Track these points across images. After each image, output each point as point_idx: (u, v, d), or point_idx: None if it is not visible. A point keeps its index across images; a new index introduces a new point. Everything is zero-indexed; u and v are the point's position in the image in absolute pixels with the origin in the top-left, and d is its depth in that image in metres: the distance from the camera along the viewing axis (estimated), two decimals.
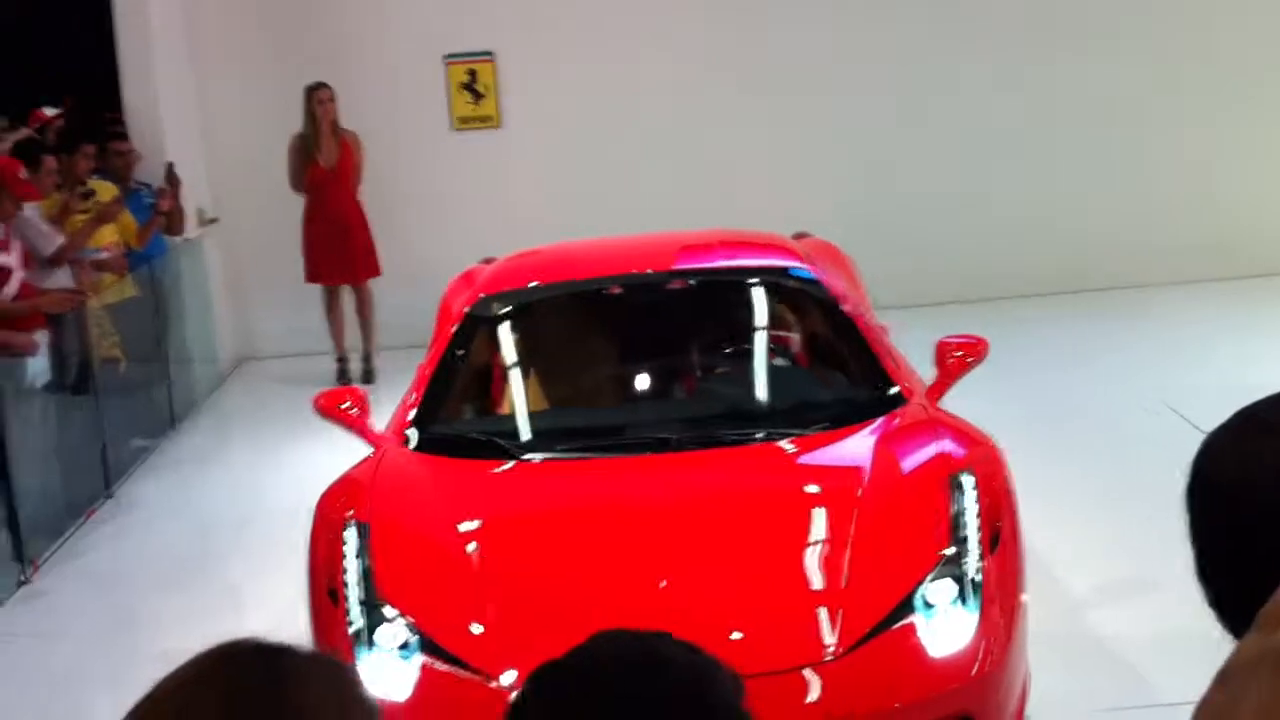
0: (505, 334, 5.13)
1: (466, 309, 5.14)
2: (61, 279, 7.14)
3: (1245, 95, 9.96)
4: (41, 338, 6.62)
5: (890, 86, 9.94)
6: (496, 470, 4.43)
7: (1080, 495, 6.23)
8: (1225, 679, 0.91)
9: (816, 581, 3.83)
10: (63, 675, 5.41)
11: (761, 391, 4.90)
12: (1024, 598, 3.99)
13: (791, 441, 4.43)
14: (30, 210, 6.98)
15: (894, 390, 4.71)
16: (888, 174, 9.98)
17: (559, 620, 3.76)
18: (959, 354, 4.96)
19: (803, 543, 4.00)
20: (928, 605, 3.77)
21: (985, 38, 9.92)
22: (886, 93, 9.94)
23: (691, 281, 5.25)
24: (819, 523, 4.05)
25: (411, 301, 9.30)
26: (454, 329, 5.07)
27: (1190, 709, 1.58)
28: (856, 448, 4.36)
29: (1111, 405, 7.56)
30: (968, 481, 4.07)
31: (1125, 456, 6.76)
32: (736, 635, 3.71)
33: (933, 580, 3.81)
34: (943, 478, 4.10)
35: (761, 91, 9.94)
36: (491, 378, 5.11)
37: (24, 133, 7.46)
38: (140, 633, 5.78)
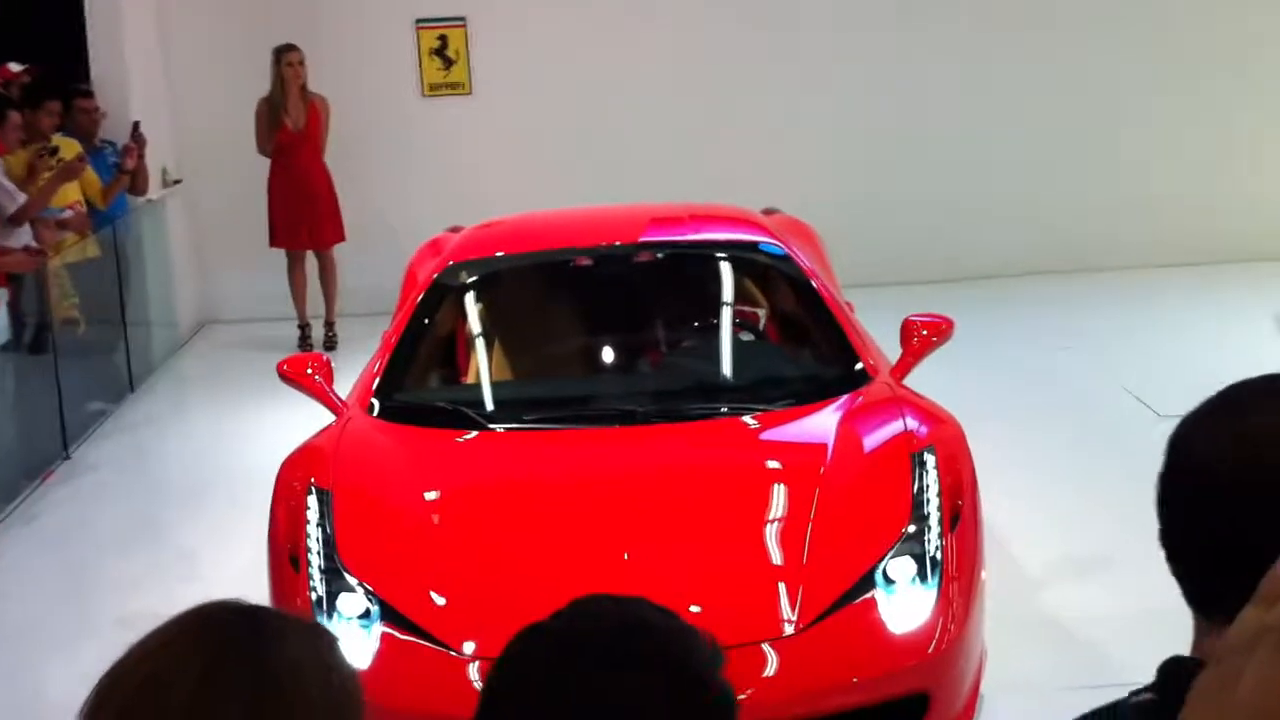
0: (472, 303, 5.11)
1: (434, 276, 5.11)
2: (23, 237, 7.04)
3: (1208, 88, 10.03)
4: (0, 296, 6.53)
5: (875, 56, 9.91)
6: (460, 440, 4.42)
7: (1040, 475, 6.27)
8: (1220, 656, 0.92)
9: (777, 556, 3.84)
10: (15, 636, 5.36)
11: (727, 366, 4.90)
12: (983, 575, 4.02)
13: (756, 417, 4.44)
14: None
15: (859, 368, 4.72)
16: (863, 149, 9.97)
17: (521, 591, 3.76)
18: (924, 333, 4.98)
19: (765, 518, 4.01)
20: (888, 581, 3.79)
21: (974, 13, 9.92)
22: (870, 63, 9.91)
23: (661, 254, 5.25)
24: (781, 498, 4.07)
25: (376, 268, 9.25)
26: (420, 296, 5.05)
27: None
28: (820, 424, 4.37)
29: (1074, 387, 7.62)
30: (929, 460, 4.09)
31: (1085, 439, 6.82)
32: (697, 609, 3.71)
33: (893, 557, 3.83)
34: (905, 455, 4.12)
35: (739, 61, 9.90)
36: (457, 346, 5.09)
37: None
38: (96, 595, 5.74)
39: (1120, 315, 9.00)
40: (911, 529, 3.90)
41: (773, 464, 4.29)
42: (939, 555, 3.85)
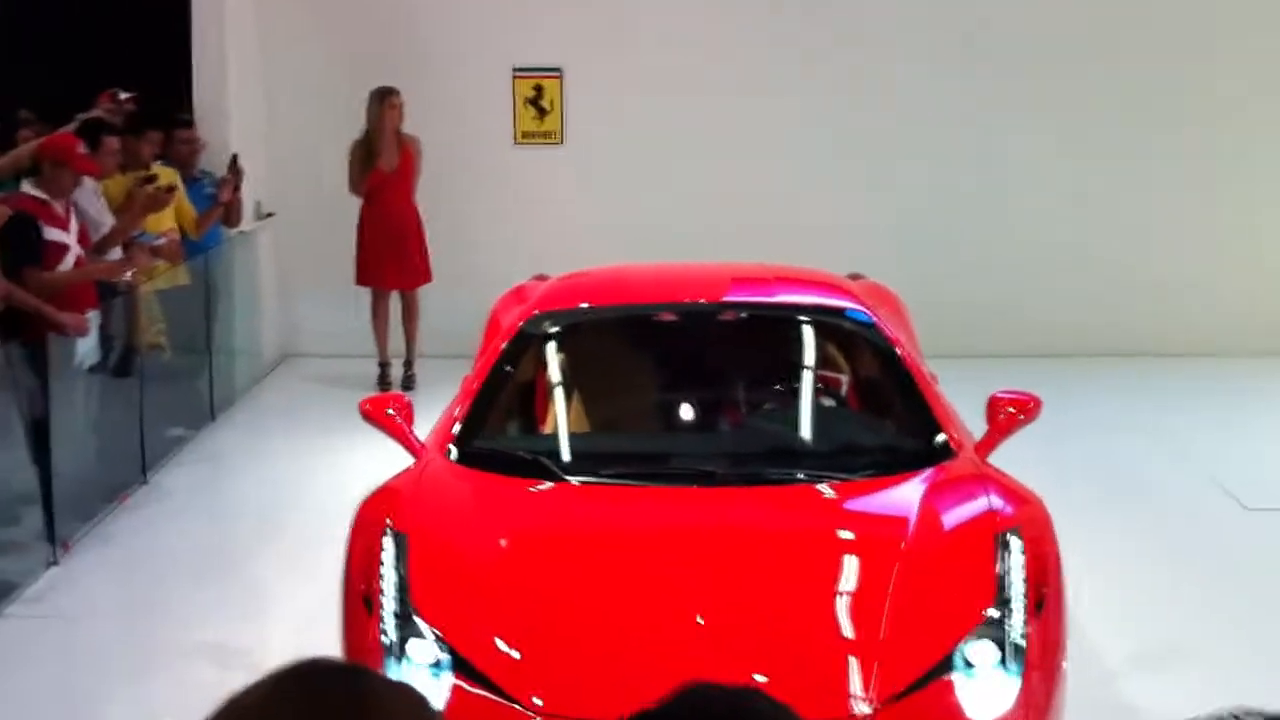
0: (555, 353, 5.09)
1: (520, 325, 5.11)
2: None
3: None
4: (93, 318, 6.62)
5: (965, 127, 9.86)
6: (538, 490, 4.39)
7: (1119, 562, 6.13)
8: None
9: (853, 631, 3.76)
10: (84, 657, 5.40)
11: (810, 432, 4.84)
12: (1065, 665, 3.91)
13: (837, 485, 4.37)
14: (89, 189, 7.01)
15: (943, 442, 4.64)
16: (953, 219, 9.90)
17: (593, 650, 3.72)
18: (1011, 410, 4.89)
19: (842, 590, 3.94)
20: (968, 665, 3.70)
21: (1066, 94, 9.84)
22: (959, 133, 9.86)
23: (747, 315, 5.21)
24: (859, 571, 3.99)
25: (458, 311, 9.29)
26: (505, 344, 5.04)
27: None
28: (903, 497, 4.29)
29: (1157, 474, 7.46)
30: (1015, 542, 4.00)
31: (1167, 527, 6.67)
32: (768, 680, 3.64)
33: (974, 640, 3.74)
34: (989, 536, 4.03)
35: (828, 122, 9.90)
36: (538, 396, 5.08)
37: (93, 112, 7.49)
38: (165, 622, 5.77)
39: (1207, 403, 8.81)
40: (994, 612, 3.80)
41: (853, 535, 4.21)
42: (1022, 641, 3.75)
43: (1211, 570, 6.15)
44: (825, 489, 4.36)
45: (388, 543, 3.99)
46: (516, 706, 3.59)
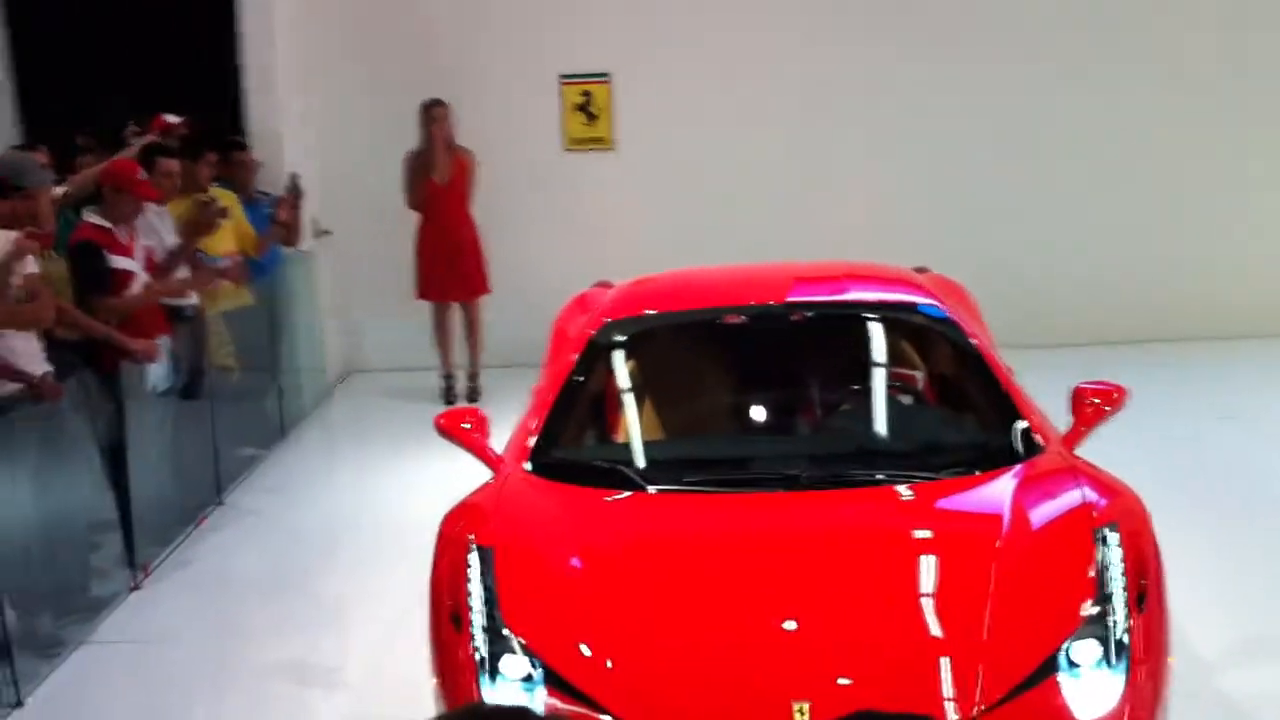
0: (628, 361, 5.04)
1: (591, 334, 5.07)
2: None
3: None
4: (163, 344, 6.65)
5: (1018, 120, 9.76)
6: (620, 500, 4.34)
7: (1209, 551, 6.00)
8: None
9: (954, 634, 3.67)
10: (166, 682, 5.41)
11: (893, 431, 4.76)
12: (1169, 660, 3.82)
13: (925, 485, 4.29)
14: (158, 214, 7.05)
15: (1031, 436, 4.55)
16: (1010, 208, 9.79)
17: (683, 660, 3.67)
18: (1096, 401, 4.80)
19: (939, 592, 3.85)
20: (1072, 665, 3.61)
21: (1121, 79, 9.71)
22: (1013, 125, 9.76)
23: (820, 314, 5.13)
24: (956, 572, 3.90)
25: (517, 320, 9.30)
26: (577, 355, 5.00)
27: None
28: (994, 494, 4.20)
29: (1239, 459, 7.31)
30: (1112, 536, 3.91)
31: (1254, 514, 6.53)
32: (867, 685, 3.58)
33: (1077, 639, 3.65)
34: (1086, 531, 3.93)
35: (883, 121, 9.81)
36: (612, 405, 5.03)
37: (148, 138, 7.54)
38: (244, 642, 5.78)
39: None
40: (1095, 609, 3.71)
41: (945, 536, 4.12)
42: (1126, 638, 3.66)
43: None
44: (913, 489, 4.28)
45: (473, 558, 3.95)
46: (610, 718, 3.54)
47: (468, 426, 4.85)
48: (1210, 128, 9.69)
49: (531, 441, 4.69)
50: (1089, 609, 3.71)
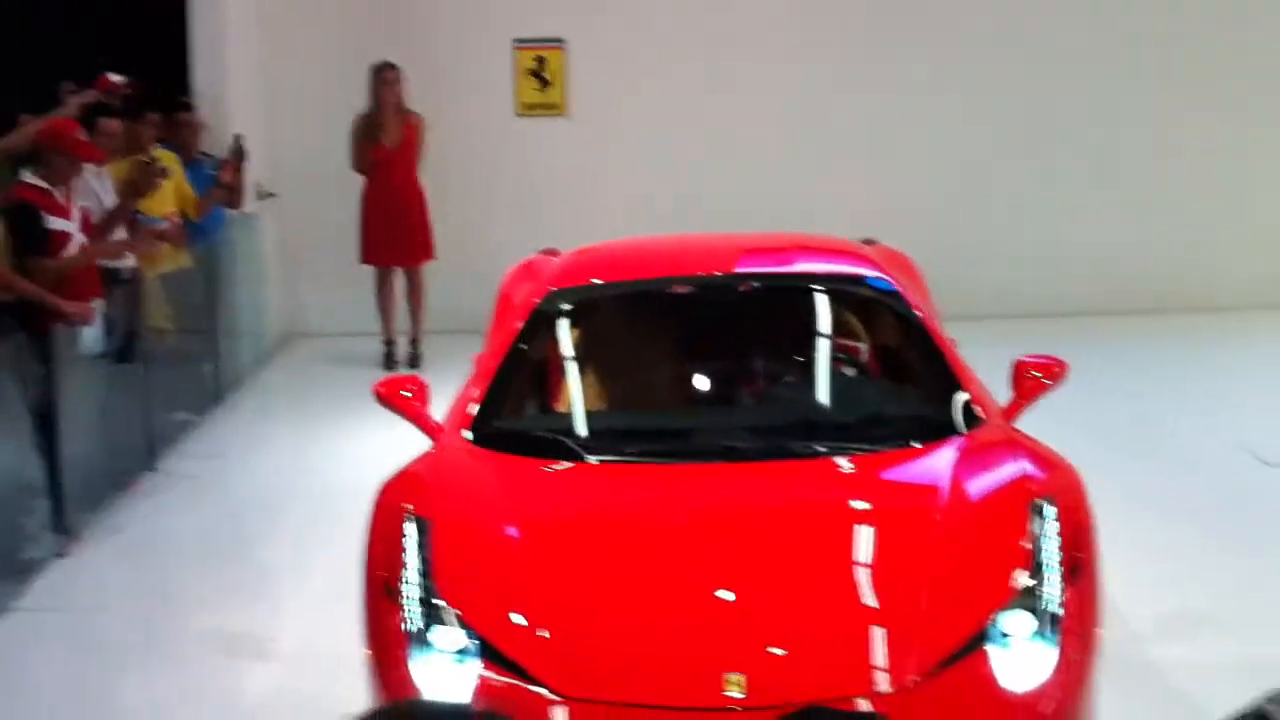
0: (573, 331, 4.99)
1: (535, 302, 5.01)
2: None
3: None
4: (98, 306, 6.53)
5: (965, 93, 9.77)
6: (560, 471, 4.30)
7: (1144, 524, 6.05)
8: None
9: (889, 606, 3.67)
10: (95, 650, 5.33)
11: (835, 403, 4.74)
12: (1101, 633, 3.83)
13: (866, 457, 4.28)
14: (96, 174, 6.92)
15: (972, 409, 4.55)
16: (956, 182, 9.81)
17: (621, 632, 3.64)
18: (1036, 374, 4.80)
19: (876, 564, 3.85)
20: (1003, 636, 3.62)
21: (1061, 49, 9.74)
22: (959, 99, 9.77)
23: (767, 286, 5.11)
24: (893, 544, 3.89)
25: (461, 287, 9.23)
26: (520, 323, 4.94)
27: None
28: (933, 467, 4.20)
29: (1177, 433, 7.38)
30: (1049, 509, 3.91)
31: (1190, 487, 6.60)
32: (802, 657, 3.57)
33: (1009, 611, 3.66)
34: (1023, 503, 3.94)
35: (837, 89, 9.79)
36: (556, 375, 4.98)
37: (89, 95, 7.37)
38: (177, 610, 5.71)
39: (1223, 358, 8.73)
40: (1029, 582, 3.72)
41: (885, 507, 4.11)
42: (1059, 611, 3.67)
43: (1238, 530, 6.07)
44: (853, 461, 4.27)
45: (409, 529, 3.90)
46: (544, 691, 3.51)
47: (408, 394, 4.78)
48: (1146, 98, 9.74)
49: (472, 410, 4.64)
50: (1022, 581, 3.71)
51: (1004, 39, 9.74)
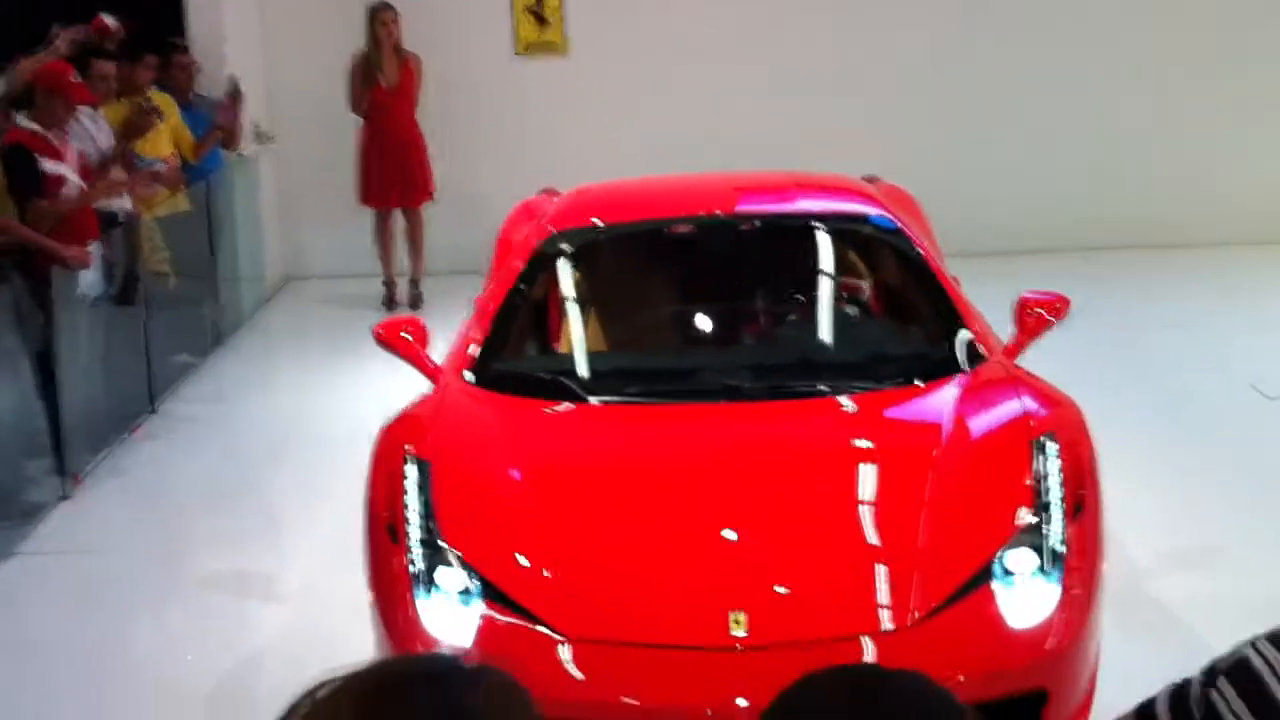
0: (574, 272, 4.96)
1: (536, 243, 4.98)
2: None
3: None
4: (95, 250, 6.50)
5: (966, 29, 9.66)
6: (561, 412, 4.29)
7: (1145, 459, 6.03)
8: None
9: (891, 543, 3.67)
10: (99, 592, 5.34)
11: (837, 343, 4.73)
12: (1104, 568, 3.84)
13: (868, 395, 4.27)
14: (93, 117, 6.86)
15: (974, 347, 4.53)
16: (957, 118, 9.72)
17: (623, 571, 3.65)
18: (1039, 311, 4.78)
19: (877, 502, 3.85)
20: (1007, 573, 3.62)
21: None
22: (961, 35, 9.67)
23: (769, 225, 5.07)
24: (895, 481, 3.89)
25: (461, 228, 9.18)
26: (522, 264, 4.91)
27: None
28: (935, 404, 4.19)
29: (1179, 368, 7.35)
30: (1051, 446, 3.91)
31: (1192, 421, 6.58)
32: (805, 596, 3.58)
33: (1012, 548, 3.66)
34: (1024, 441, 3.93)
35: (840, 23, 9.68)
36: (556, 316, 4.96)
37: (78, 31, 7.25)
38: (180, 552, 5.72)
39: (1224, 292, 8.69)
40: (1032, 518, 3.72)
41: (886, 445, 4.11)
42: (1061, 548, 3.67)
43: (1239, 464, 6.06)
44: (855, 399, 4.26)
45: (410, 470, 3.89)
46: (548, 630, 3.52)
47: (407, 336, 4.77)
48: (1142, 35, 9.64)
49: (473, 351, 4.63)
50: (1025, 518, 3.72)
51: None
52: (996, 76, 9.69)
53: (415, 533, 3.74)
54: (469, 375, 4.51)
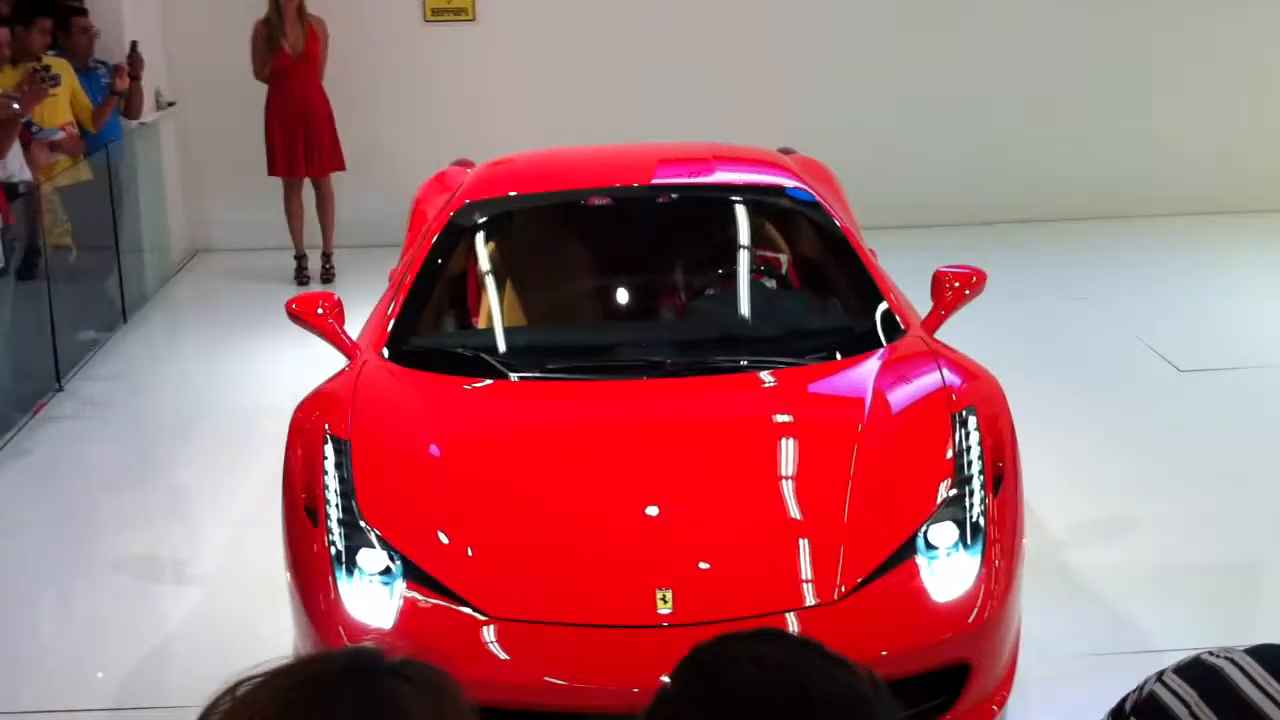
0: (489, 244, 4.90)
1: (451, 215, 4.90)
2: (13, 161, 6.78)
3: (1248, 34, 9.85)
4: None
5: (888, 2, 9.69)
6: (481, 388, 4.24)
7: (1058, 431, 6.12)
8: None
9: (815, 518, 3.68)
10: (7, 573, 5.20)
11: (757, 317, 4.72)
12: (1024, 541, 3.88)
13: (789, 370, 4.27)
14: None
15: (894, 320, 4.55)
16: (872, 89, 9.75)
17: (545, 548, 3.61)
18: (956, 285, 4.81)
19: (800, 477, 3.85)
20: (930, 547, 3.65)
21: None
22: (879, 4, 9.69)
23: (686, 197, 5.04)
24: (817, 457, 3.90)
25: (372, 199, 9.04)
26: (435, 237, 4.84)
27: (1176, 654, 1.52)
28: (856, 379, 4.20)
29: (1091, 340, 7.47)
30: (971, 419, 3.94)
31: (1104, 393, 6.69)
32: (729, 572, 3.57)
33: (934, 522, 3.68)
34: (945, 414, 3.96)
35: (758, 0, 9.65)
36: (473, 289, 4.89)
37: None
38: (88, 534, 5.57)
39: (1135, 265, 8.85)
40: (953, 492, 3.75)
41: (808, 420, 4.12)
42: (982, 520, 3.70)
43: (1151, 435, 6.17)
44: (776, 375, 4.25)
45: (329, 450, 3.82)
46: (471, 611, 3.48)
47: (322, 311, 4.68)
48: (1047, 9, 9.74)
49: (389, 327, 4.55)
50: (947, 492, 3.74)
51: None
52: (912, 52, 9.72)
53: (335, 513, 3.68)
54: (385, 351, 4.44)
